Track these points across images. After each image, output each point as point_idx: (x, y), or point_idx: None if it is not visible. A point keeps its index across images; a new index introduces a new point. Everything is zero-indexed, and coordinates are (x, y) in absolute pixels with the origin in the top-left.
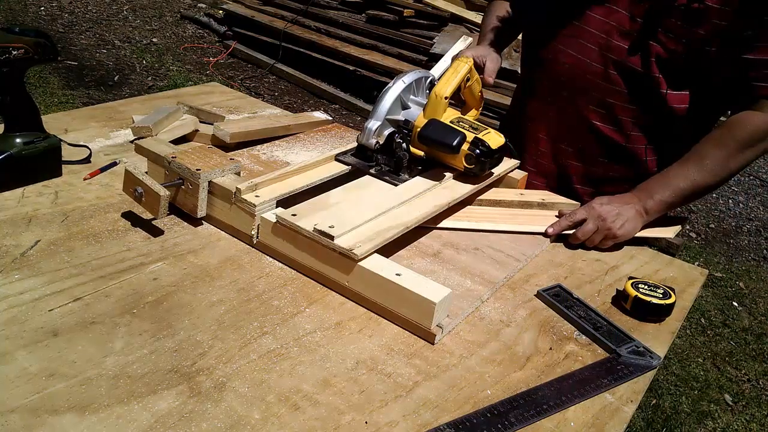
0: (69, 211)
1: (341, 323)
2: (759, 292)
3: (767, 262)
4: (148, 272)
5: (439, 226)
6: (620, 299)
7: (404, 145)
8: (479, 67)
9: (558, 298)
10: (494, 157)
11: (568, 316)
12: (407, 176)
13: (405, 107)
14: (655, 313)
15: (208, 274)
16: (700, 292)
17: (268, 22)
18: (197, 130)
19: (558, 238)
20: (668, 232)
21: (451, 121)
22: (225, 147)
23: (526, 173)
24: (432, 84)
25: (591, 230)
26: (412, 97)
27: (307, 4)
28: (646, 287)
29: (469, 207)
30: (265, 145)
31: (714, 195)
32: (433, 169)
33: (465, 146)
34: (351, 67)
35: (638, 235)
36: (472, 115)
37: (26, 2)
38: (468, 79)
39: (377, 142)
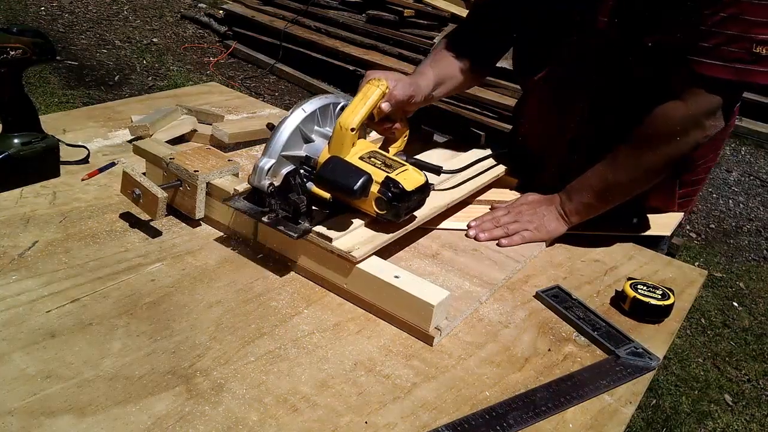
0: (67, 211)
1: (339, 324)
2: (759, 292)
3: (767, 262)
4: (146, 273)
5: (438, 226)
6: (619, 300)
7: (307, 185)
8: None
9: (557, 299)
10: (411, 199)
11: (567, 317)
12: (308, 224)
13: (308, 140)
14: (654, 314)
15: (206, 275)
16: (700, 293)
17: (268, 22)
18: (195, 130)
19: (557, 238)
20: (664, 228)
21: (360, 157)
22: (224, 147)
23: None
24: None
25: (503, 219)
26: (316, 128)
27: (307, 4)
28: (644, 288)
29: (468, 207)
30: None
31: (714, 195)
32: (342, 216)
33: (375, 188)
34: (351, 67)
35: (631, 233)
36: (396, 147)
37: (26, 2)
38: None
39: (271, 184)
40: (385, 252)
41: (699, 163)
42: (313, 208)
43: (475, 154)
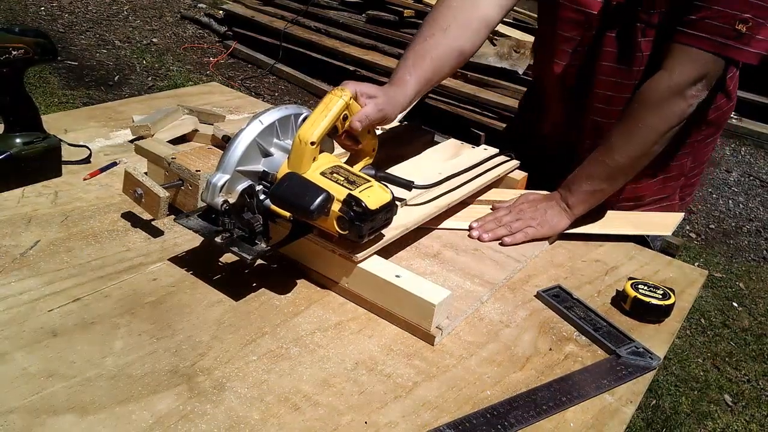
0: (69, 211)
1: (341, 324)
2: (759, 293)
3: (767, 262)
4: (147, 272)
5: (439, 226)
6: (620, 300)
7: (265, 202)
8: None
9: (558, 299)
10: (375, 218)
11: (568, 317)
12: (264, 245)
13: (267, 154)
14: (655, 314)
15: (208, 274)
16: (700, 293)
17: (268, 23)
18: (197, 130)
19: (558, 237)
20: (664, 229)
21: (322, 173)
22: (225, 147)
23: (526, 173)
24: None
25: (505, 219)
26: (275, 141)
27: (307, 4)
28: (645, 288)
29: (469, 207)
30: None
31: (714, 195)
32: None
33: (336, 206)
34: (351, 68)
35: (632, 232)
36: (364, 161)
37: (26, 2)
38: (346, 117)
39: (225, 202)
40: (386, 251)
41: (701, 141)
42: (276, 223)
43: (474, 156)
